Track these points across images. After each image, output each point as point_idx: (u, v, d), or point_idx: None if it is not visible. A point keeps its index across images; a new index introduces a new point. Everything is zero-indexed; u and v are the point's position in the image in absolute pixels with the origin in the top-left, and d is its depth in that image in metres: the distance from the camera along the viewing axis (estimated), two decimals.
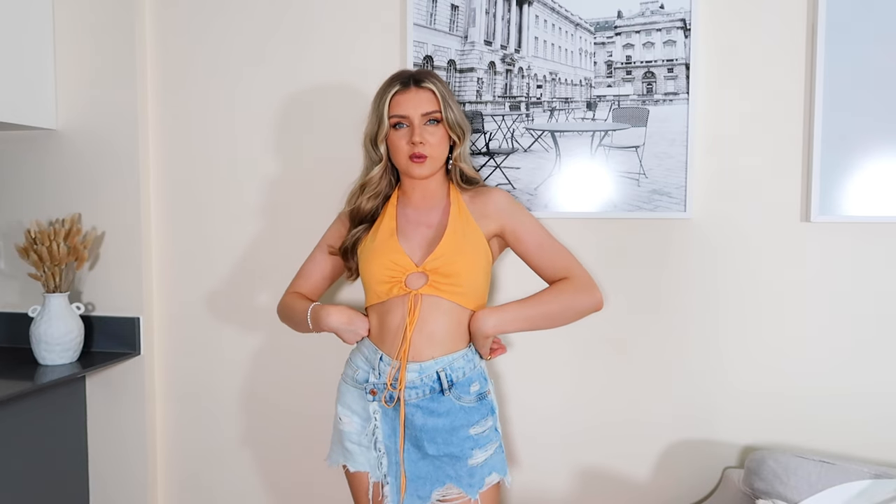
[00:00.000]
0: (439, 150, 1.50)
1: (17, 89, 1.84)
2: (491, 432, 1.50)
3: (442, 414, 1.45)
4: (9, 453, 1.76)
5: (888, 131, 1.56)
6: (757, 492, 1.49)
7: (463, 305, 1.49)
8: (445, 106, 1.48)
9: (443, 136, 1.50)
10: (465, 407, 1.47)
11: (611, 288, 1.72)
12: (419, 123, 1.47)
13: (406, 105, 1.47)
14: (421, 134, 1.46)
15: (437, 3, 1.75)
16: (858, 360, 1.62)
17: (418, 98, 1.47)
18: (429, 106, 1.47)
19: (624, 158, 1.68)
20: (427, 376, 1.45)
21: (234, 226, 1.93)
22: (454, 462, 1.46)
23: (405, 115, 1.47)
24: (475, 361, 1.51)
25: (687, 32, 1.63)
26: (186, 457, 2.01)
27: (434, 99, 1.48)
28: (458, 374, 1.47)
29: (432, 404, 1.45)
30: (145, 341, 1.96)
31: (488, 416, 1.50)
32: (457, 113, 1.51)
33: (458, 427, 1.46)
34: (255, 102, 1.88)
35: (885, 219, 1.57)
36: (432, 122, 1.48)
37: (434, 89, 1.48)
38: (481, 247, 1.51)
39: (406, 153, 1.48)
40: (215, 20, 1.90)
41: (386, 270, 1.47)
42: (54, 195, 1.98)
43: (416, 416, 1.45)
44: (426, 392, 1.45)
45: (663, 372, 1.71)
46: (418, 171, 1.49)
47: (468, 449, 1.46)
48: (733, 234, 1.66)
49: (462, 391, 1.47)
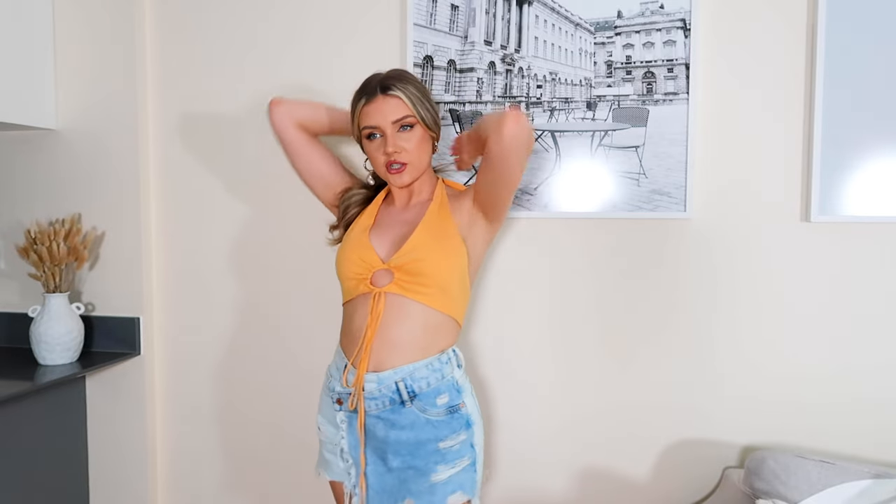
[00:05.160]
0: (418, 153, 1.44)
1: (17, 89, 1.84)
2: (463, 447, 1.39)
3: (405, 427, 1.38)
4: (9, 453, 1.76)
5: (888, 131, 1.56)
6: (757, 492, 1.49)
7: (432, 308, 1.40)
8: (418, 107, 1.42)
9: (421, 138, 1.44)
10: (432, 420, 1.38)
11: (610, 288, 1.72)
12: (391, 132, 1.41)
13: (375, 115, 1.42)
14: (395, 143, 1.41)
15: (437, 3, 1.75)
16: (859, 360, 1.62)
17: (387, 106, 1.41)
18: (398, 112, 1.41)
19: (624, 158, 1.68)
20: (386, 387, 1.37)
21: (235, 226, 1.93)
22: (417, 476, 1.38)
23: (375, 126, 1.42)
24: (444, 371, 1.40)
25: (687, 32, 1.63)
26: (186, 457, 2.01)
27: (402, 104, 1.41)
28: (420, 384, 1.38)
29: (394, 416, 1.38)
30: (145, 341, 1.96)
31: (461, 430, 1.39)
32: (430, 111, 1.45)
33: (424, 441, 1.38)
34: (255, 103, 1.88)
35: (885, 219, 1.57)
36: (405, 127, 1.42)
37: (401, 95, 1.41)
38: (456, 245, 1.42)
39: (382, 163, 1.44)
40: (215, 21, 1.90)
41: (353, 266, 1.43)
42: (54, 195, 1.98)
43: (378, 427, 1.39)
44: (386, 403, 1.38)
45: (663, 372, 1.71)
46: (398, 180, 1.45)
47: (432, 463, 1.37)
48: (733, 234, 1.66)
49: (427, 403, 1.38)
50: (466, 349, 1.80)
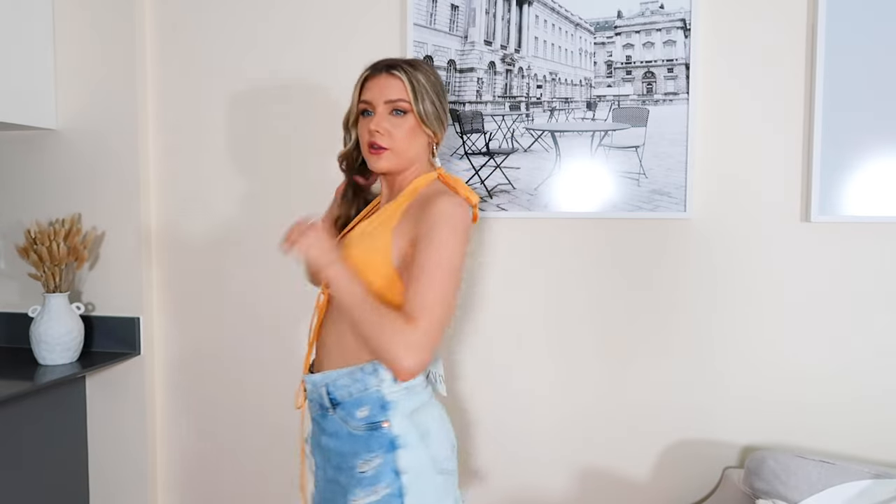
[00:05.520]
0: (405, 144, 1.33)
1: (17, 89, 1.84)
2: (381, 473, 1.23)
3: (332, 435, 1.29)
4: (9, 453, 1.76)
5: (888, 131, 1.56)
6: (757, 492, 1.49)
7: None
8: (417, 97, 1.32)
9: (411, 129, 1.33)
10: (353, 433, 1.27)
11: (610, 288, 1.72)
12: (382, 111, 1.32)
13: (372, 90, 1.34)
14: (380, 123, 1.31)
15: (437, 3, 1.75)
16: (859, 360, 1.62)
17: (385, 84, 1.33)
18: (394, 94, 1.32)
19: (624, 158, 1.68)
20: (315, 390, 1.31)
21: (235, 225, 1.93)
22: (339, 496, 1.28)
23: (369, 101, 1.34)
24: (367, 382, 1.26)
25: (687, 32, 1.63)
26: (186, 456, 2.01)
27: (402, 87, 1.32)
28: (342, 392, 1.27)
29: (324, 422, 1.31)
30: (145, 341, 1.96)
31: (379, 451, 1.24)
32: (436, 108, 1.34)
33: (346, 455, 1.27)
34: (255, 102, 1.88)
35: (885, 219, 1.57)
36: (398, 112, 1.32)
37: (403, 78, 1.32)
38: (380, 246, 1.27)
39: (366, 142, 1.34)
40: (215, 21, 1.90)
41: None
42: (54, 195, 1.98)
43: (316, 431, 1.34)
44: (318, 407, 1.32)
45: (663, 372, 1.71)
46: (375, 163, 1.33)
47: (352, 485, 1.25)
48: (733, 234, 1.66)
49: (348, 414, 1.27)
50: (466, 349, 1.80)
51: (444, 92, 1.39)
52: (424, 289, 1.18)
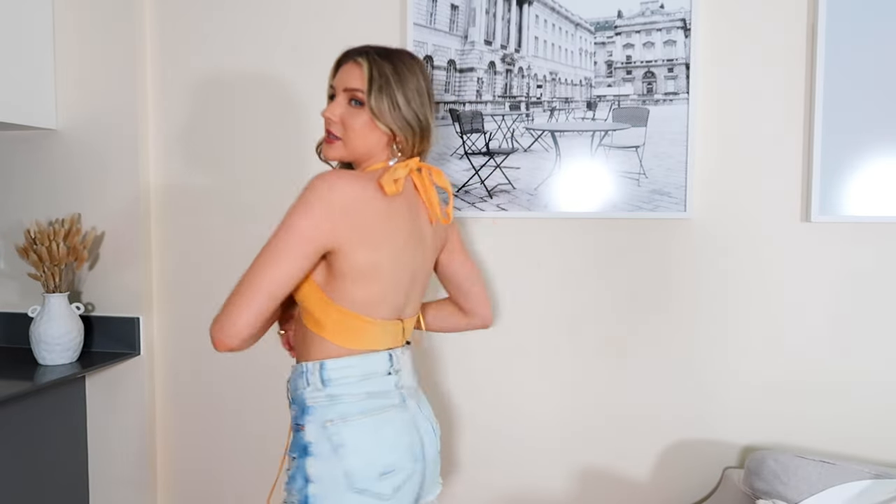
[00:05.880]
0: (358, 137, 1.25)
1: (17, 89, 1.84)
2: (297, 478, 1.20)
3: None
4: (9, 453, 1.76)
5: (888, 131, 1.56)
6: (757, 492, 1.49)
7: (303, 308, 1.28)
8: (374, 90, 1.22)
9: (365, 123, 1.24)
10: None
11: (611, 288, 1.72)
12: (341, 99, 1.26)
13: (339, 75, 1.27)
14: (334, 110, 1.25)
15: (437, 2, 1.75)
16: (859, 360, 1.62)
17: (348, 70, 1.25)
18: (352, 82, 1.24)
19: (624, 158, 1.68)
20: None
21: (235, 225, 1.92)
22: None
23: (334, 86, 1.28)
24: (297, 383, 1.26)
25: (687, 32, 1.63)
26: (186, 457, 2.01)
27: (360, 77, 1.23)
28: (290, 389, 1.29)
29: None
30: (145, 341, 1.96)
31: (297, 454, 1.22)
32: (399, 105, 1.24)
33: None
34: (254, 102, 1.88)
35: (885, 219, 1.57)
36: (356, 102, 1.24)
37: (365, 67, 1.23)
38: None
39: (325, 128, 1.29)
40: (215, 22, 1.90)
41: None
42: (54, 195, 1.98)
43: None
44: None
45: (663, 372, 1.71)
46: (326, 150, 1.28)
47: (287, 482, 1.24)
48: (733, 234, 1.66)
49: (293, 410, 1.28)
50: (466, 349, 1.80)
51: (426, 92, 1.29)
52: (248, 272, 1.19)
